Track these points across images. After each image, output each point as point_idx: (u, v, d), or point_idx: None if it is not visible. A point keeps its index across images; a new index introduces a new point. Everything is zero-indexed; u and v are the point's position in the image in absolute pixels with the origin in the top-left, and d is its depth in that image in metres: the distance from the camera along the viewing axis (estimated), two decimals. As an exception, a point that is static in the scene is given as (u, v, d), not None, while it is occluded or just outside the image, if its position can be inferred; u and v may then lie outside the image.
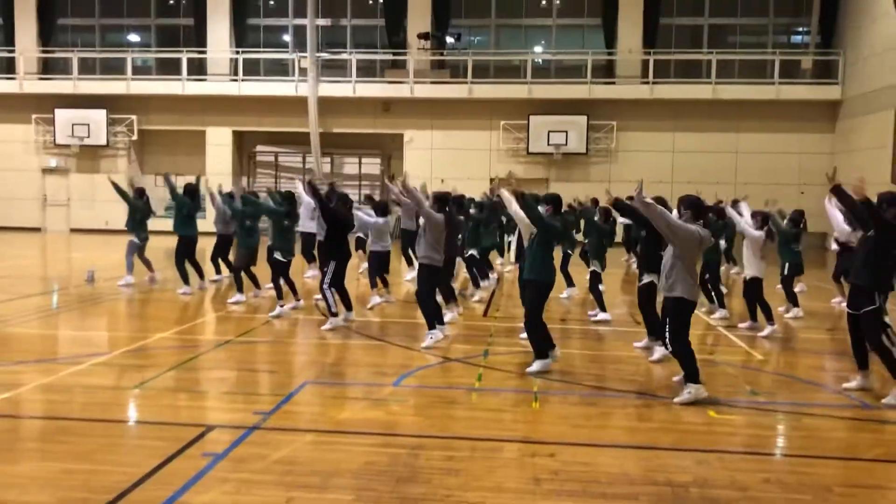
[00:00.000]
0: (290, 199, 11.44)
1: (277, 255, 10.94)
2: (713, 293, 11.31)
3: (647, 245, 8.51)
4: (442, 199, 9.33)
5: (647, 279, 8.55)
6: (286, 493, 4.57)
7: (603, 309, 10.82)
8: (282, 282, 10.99)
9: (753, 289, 10.09)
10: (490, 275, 14.13)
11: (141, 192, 13.87)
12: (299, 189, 14.00)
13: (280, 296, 10.86)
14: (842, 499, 4.74)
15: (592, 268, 10.92)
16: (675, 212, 7.32)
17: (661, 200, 8.63)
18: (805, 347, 9.57)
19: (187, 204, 12.88)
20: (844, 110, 23.73)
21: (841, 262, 11.78)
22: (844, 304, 12.65)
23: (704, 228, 6.99)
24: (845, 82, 23.57)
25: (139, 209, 13.54)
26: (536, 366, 7.69)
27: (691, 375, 6.76)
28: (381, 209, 11.88)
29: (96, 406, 6.37)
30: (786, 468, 5.28)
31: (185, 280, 12.69)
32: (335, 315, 9.76)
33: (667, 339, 6.88)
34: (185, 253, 12.87)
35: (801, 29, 25.90)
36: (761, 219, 10.21)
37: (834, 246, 11.97)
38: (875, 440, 5.98)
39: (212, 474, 4.84)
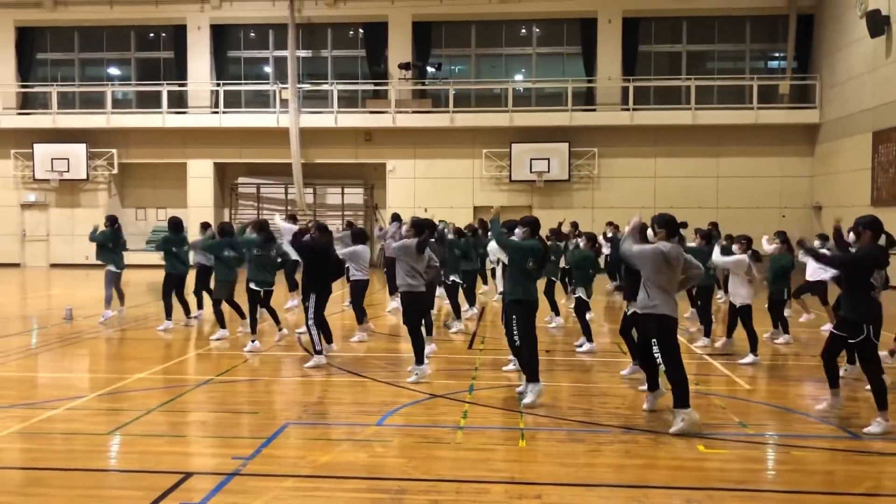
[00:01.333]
0: (264, 227, 11.29)
1: (252, 286, 10.86)
2: (703, 320, 11.32)
3: (632, 274, 8.46)
4: (418, 226, 9.23)
5: (633, 308, 8.50)
6: (265, 546, 4.42)
7: (589, 339, 10.73)
8: (258, 314, 10.88)
9: (745, 315, 10.08)
10: (473, 305, 14.02)
11: (113, 221, 13.76)
12: (277, 220, 13.81)
13: (254, 329, 10.79)
14: (834, 537, 4.64)
15: (578, 294, 10.79)
16: (649, 231, 7.29)
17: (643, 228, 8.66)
18: (791, 375, 9.51)
19: (175, 240, 12.76)
20: (823, 134, 23.97)
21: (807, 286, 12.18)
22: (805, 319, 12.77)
23: (677, 245, 6.93)
24: (823, 106, 23.83)
25: (109, 238, 13.44)
26: (531, 396, 7.61)
27: (681, 400, 6.72)
28: (360, 236, 11.78)
29: (70, 454, 6.19)
30: (777, 505, 5.18)
31: (168, 315, 12.54)
32: (319, 353, 9.61)
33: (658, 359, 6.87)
34: (171, 287, 12.74)
35: (777, 54, 26.21)
36: (747, 242, 10.22)
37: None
38: (864, 473, 5.90)
39: (188, 527, 4.68)
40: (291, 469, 5.84)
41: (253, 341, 10.65)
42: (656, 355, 6.83)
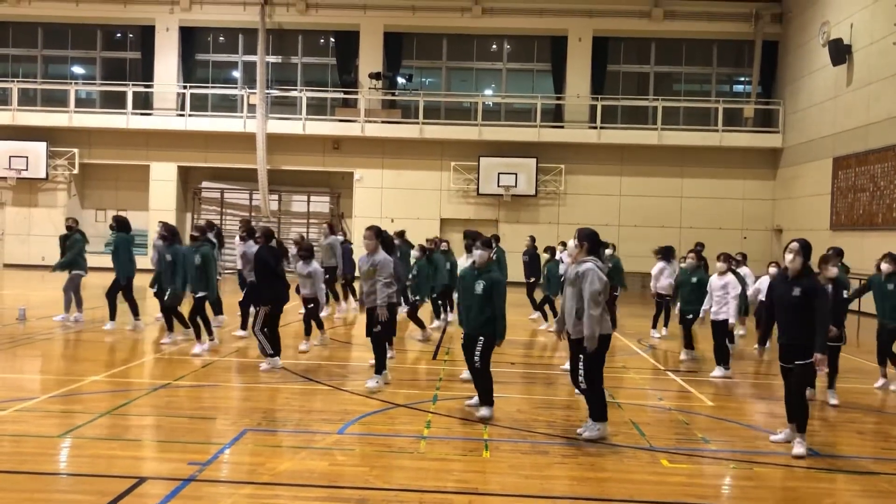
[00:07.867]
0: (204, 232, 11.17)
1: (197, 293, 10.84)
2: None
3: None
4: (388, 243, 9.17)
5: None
6: (220, 554, 4.27)
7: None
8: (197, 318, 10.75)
9: (720, 330, 10.21)
10: (444, 315, 13.85)
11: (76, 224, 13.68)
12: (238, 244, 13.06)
13: (198, 335, 10.71)
14: (797, 553, 4.63)
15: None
16: (570, 243, 7.23)
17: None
18: (754, 393, 9.57)
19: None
20: (785, 158, 24.40)
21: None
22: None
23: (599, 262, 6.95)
24: (785, 131, 24.28)
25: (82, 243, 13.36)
26: (485, 411, 7.56)
27: (599, 415, 6.87)
28: (307, 252, 11.49)
29: (19, 457, 5.96)
30: (740, 520, 5.16)
31: (112, 316, 12.69)
32: (272, 356, 9.50)
33: (580, 378, 6.92)
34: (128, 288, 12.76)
35: (742, 79, 26.67)
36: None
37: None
38: (826, 490, 5.92)
39: (140, 533, 4.51)
40: (250, 476, 5.69)
41: (201, 344, 10.63)
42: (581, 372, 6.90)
